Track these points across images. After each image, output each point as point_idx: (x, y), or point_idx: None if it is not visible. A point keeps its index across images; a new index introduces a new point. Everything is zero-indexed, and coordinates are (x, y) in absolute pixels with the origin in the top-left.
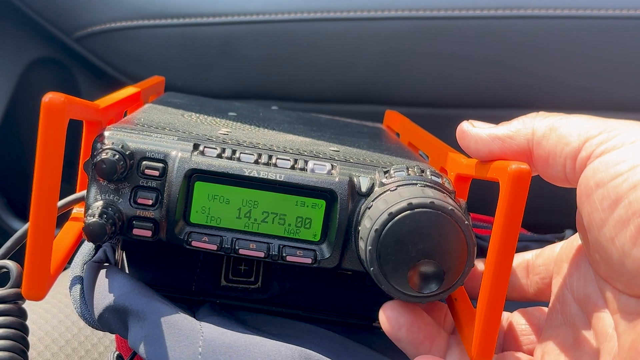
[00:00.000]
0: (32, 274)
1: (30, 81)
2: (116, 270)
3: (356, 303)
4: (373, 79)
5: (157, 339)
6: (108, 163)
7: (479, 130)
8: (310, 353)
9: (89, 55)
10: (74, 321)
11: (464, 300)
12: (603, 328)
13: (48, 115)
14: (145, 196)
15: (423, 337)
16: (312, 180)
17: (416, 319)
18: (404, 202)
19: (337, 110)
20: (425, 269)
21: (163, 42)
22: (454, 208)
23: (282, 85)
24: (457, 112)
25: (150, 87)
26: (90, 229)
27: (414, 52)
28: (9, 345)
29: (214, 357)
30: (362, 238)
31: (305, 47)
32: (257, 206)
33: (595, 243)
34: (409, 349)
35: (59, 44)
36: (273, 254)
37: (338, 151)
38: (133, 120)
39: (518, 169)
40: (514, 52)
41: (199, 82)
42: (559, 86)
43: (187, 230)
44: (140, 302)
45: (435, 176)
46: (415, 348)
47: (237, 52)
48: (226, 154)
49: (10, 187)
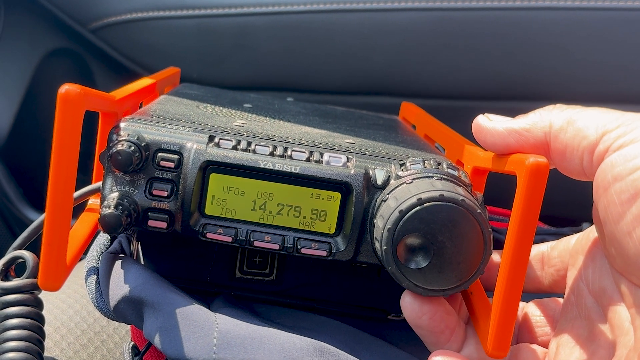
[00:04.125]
0: (48, 264)
1: (46, 72)
2: (132, 262)
3: (371, 296)
4: (389, 70)
5: (172, 330)
6: (124, 154)
7: (495, 123)
8: (325, 345)
9: (104, 47)
10: (90, 311)
11: (480, 293)
12: (619, 321)
13: (64, 106)
14: (161, 188)
15: (444, 326)
16: (327, 172)
17: (438, 307)
18: (414, 198)
19: (352, 101)
20: (441, 261)
21: (178, 34)
22: (465, 198)
23: (297, 76)
24: (473, 104)
25: (165, 79)
26: (106, 220)
27: (431, 43)
28: (26, 335)
29: (228, 349)
30: (377, 238)
31: (321, 38)
32: (272, 198)
33: (612, 237)
34: (429, 337)
35: (74, 35)
36: (288, 246)
37: (354, 143)
38: (149, 112)
39: (536, 162)
40: (530, 44)
41: (214, 74)
42: (576, 78)
43: (202, 222)
44: (156, 293)
45: (451, 169)
46: (436, 337)
47: (252, 43)
48: (241, 145)
49: (26, 178)
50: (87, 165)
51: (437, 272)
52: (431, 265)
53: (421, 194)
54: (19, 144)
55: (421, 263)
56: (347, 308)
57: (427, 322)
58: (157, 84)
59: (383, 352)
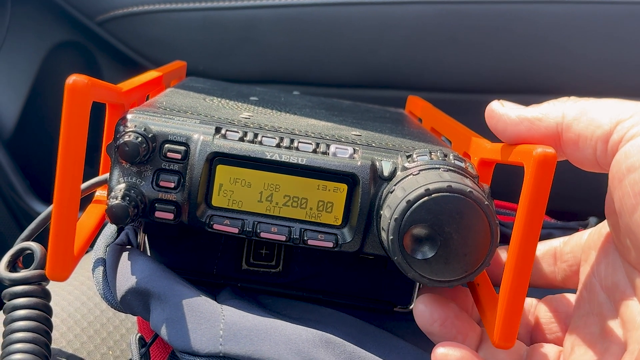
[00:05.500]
0: (55, 254)
1: (53, 65)
2: (138, 253)
3: (377, 288)
4: (395, 63)
5: (178, 321)
6: (131, 145)
7: (508, 110)
8: (331, 337)
9: (111, 39)
10: (97, 303)
11: (487, 285)
12: (631, 316)
13: (72, 96)
14: (168, 179)
15: (456, 332)
16: (334, 164)
17: (449, 313)
18: (421, 189)
19: (359, 95)
20: (447, 252)
21: (185, 26)
22: (473, 189)
23: (304, 69)
24: (479, 97)
25: (172, 72)
26: (113, 210)
27: (437, 36)
28: (33, 326)
29: (235, 340)
30: (384, 228)
31: (328, 31)
32: (278, 190)
33: (626, 228)
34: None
35: (81, 27)
36: (294, 237)
37: (360, 135)
38: (155, 104)
39: (544, 153)
40: (537, 37)
41: (220, 67)
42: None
43: (208, 214)
44: (162, 284)
45: (458, 160)
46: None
47: (259, 37)
48: (248, 137)
49: (33, 170)
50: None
51: (443, 263)
52: (437, 256)
53: (429, 185)
54: (26, 136)
55: (427, 254)
56: (353, 300)
57: (439, 328)
58: (164, 77)
59: (389, 344)
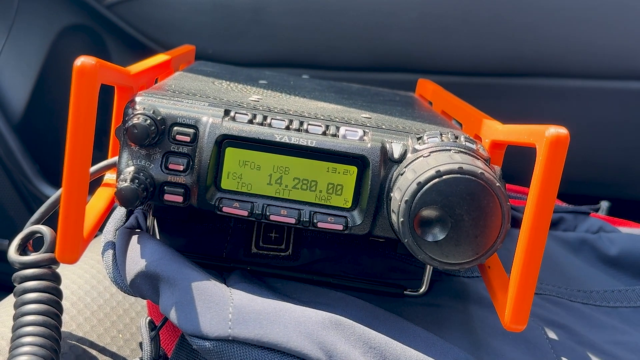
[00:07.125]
0: (65, 236)
1: (62, 49)
2: (148, 237)
3: (387, 271)
4: (406, 46)
5: (187, 305)
6: (139, 128)
7: None
8: (340, 318)
9: (120, 23)
10: (106, 287)
11: (498, 267)
12: None
13: (80, 78)
14: (177, 162)
15: None
16: (343, 146)
17: None
18: (432, 170)
19: (368, 78)
20: (458, 234)
21: (194, 10)
22: (484, 171)
23: (313, 53)
24: (490, 80)
25: (180, 56)
26: (123, 193)
27: (448, 19)
28: (44, 309)
29: (244, 324)
30: (394, 210)
31: (337, 13)
32: (288, 172)
33: None
34: None
35: (90, 11)
36: (304, 220)
37: (370, 118)
38: (164, 87)
39: (556, 133)
40: (550, 19)
41: (229, 50)
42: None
43: (218, 196)
44: (172, 268)
45: (469, 142)
46: None
47: (267, 20)
48: (257, 119)
49: (42, 154)
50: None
51: (454, 245)
52: (448, 238)
53: (440, 167)
54: (35, 120)
55: (438, 236)
56: (363, 283)
57: None
58: (172, 61)
59: (399, 327)
